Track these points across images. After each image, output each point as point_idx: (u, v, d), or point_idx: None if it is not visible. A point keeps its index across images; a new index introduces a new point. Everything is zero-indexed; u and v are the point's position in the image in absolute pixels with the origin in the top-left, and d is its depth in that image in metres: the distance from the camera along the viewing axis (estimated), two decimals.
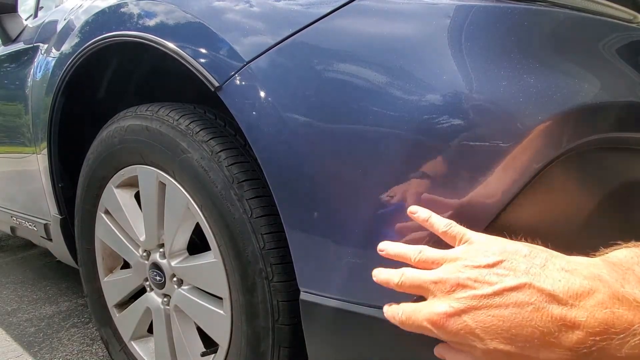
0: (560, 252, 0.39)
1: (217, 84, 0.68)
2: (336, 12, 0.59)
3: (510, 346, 0.35)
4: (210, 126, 0.78)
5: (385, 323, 0.57)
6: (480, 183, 0.50)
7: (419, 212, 0.47)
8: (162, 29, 0.79)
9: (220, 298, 0.80)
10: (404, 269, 0.44)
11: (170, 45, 0.76)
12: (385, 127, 0.54)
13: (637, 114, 0.55)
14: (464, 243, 0.43)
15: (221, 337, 0.81)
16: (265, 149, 0.65)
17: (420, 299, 0.43)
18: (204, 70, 0.70)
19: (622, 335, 0.32)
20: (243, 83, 0.66)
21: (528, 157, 0.49)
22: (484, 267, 0.38)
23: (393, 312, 0.45)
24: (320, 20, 0.60)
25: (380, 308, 0.57)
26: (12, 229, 1.65)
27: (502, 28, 0.53)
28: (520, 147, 0.49)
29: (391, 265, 0.50)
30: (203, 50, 0.72)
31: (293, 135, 0.61)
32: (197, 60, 0.72)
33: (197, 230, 0.83)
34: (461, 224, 0.47)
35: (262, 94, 0.64)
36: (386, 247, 0.49)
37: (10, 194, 1.58)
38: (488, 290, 0.37)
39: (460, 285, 0.38)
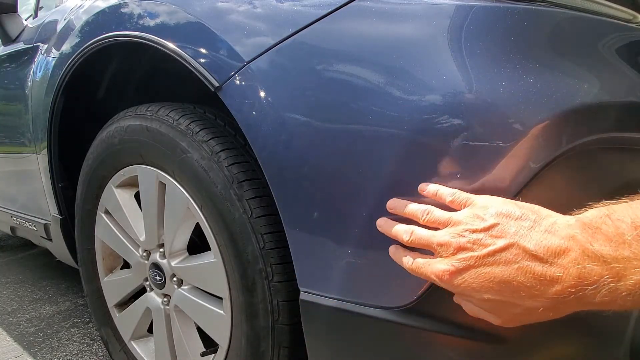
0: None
1: (217, 84, 0.68)
2: (336, 12, 0.59)
3: (500, 296, 0.42)
4: (210, 126, 0.78)
5: (385, 323, 0.58)
6: (480, 182, 0.50)
7: (428, 188, 0.50)
8: (162, 29, 0.79)
9: (220, 298, 0.80)
10: (413, 227, 0.49)
11: (170, 45, 0.76)
12: (385, 127, 0.54)
13: (637, 114, 0.55)
14: (467, 206, 0.47)
15: (221, 337, 0.81)
16: (265, 149, 0.65)
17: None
18: (204, 70, 0.70)
19: (594, 286, 0.38)
20: (243, 83, 0.66)
21: (528, 157, 0.49)
22: (481, 230, 0.44)
23: (402, 257, 0.51)
24: (320, 21, 0.60)
25: (380, 308, 0.58)
26: (12, 229, 1.65)
27: (502, 28, 0.53)
28: (520, 146, 0.49)
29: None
30: (203, 51, 0.72)
31: (293, 135, 0.61)
32: (197, 61, 0.72)
33: (197, 230, 0.83)
34: None
35: (262, 94, 0.64)
36: (395, 205, 0.52)
37: (10, 194, 1.58)
38: (483, 251, 0.43)
39: (461, 248, 0.44)
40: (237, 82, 0.67)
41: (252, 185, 0.72)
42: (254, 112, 0.65)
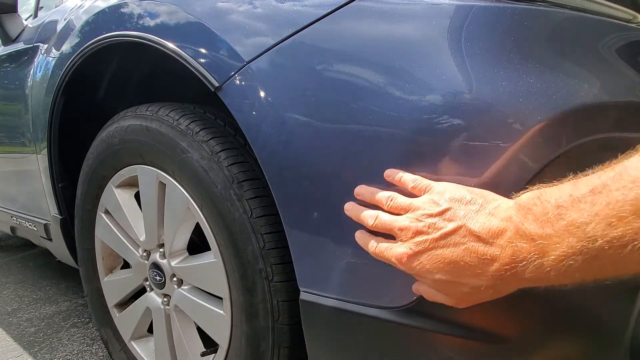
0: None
1: (217, 84, 0.68)
2: (336, 12, 0.59)
3: (449, 276, 0.46)
4: (210, 126, 0.78)
5: (385, 323, 0.58)
6: (479, 183, 0.50)
7: (392, 175, 0.53)
8: (162, 29, 0.79)
9: (220, 298, 0.80)
10: (378, 212, 0.52)
11: (170, 45, 0.76)
12: (385, 127, 0.54)
13: (637, 114, 0.55)
14: (427, 192, 0.50)
15: (221, 337, 0.81)
16: (265, 149, 0.65)
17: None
18: (204, 70, 0.70)
19: (523, 263, 0.41)
20: (243, 83, 0.66)
21: (527, 157, 0.49)
22: (436, 215, 0.47)
23: (368, 242, 0.53)
24: (320, 21, 0.60)
25: (380, 308, 0.58)
26: (12, 229, 1.65)
27: (502, 28, 0.53)
28: (520, 147, 0.49)
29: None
30: (203, 51, 0.72)
31: (293, 135, 0.61)
32: (197, 60, 0.72)
33: (197, 230, 0.83)
34: None
35: (262, 94, 0.64)
36: (362, 192, 0.55)
37: (10, 194, 1.58)
38: (436, 234, 0.46)
39: (419, 232, 0.47)
40: (237, 82, 0.67)
41: (252, 185, 0.72)
42: (254, 112, 0.65)
